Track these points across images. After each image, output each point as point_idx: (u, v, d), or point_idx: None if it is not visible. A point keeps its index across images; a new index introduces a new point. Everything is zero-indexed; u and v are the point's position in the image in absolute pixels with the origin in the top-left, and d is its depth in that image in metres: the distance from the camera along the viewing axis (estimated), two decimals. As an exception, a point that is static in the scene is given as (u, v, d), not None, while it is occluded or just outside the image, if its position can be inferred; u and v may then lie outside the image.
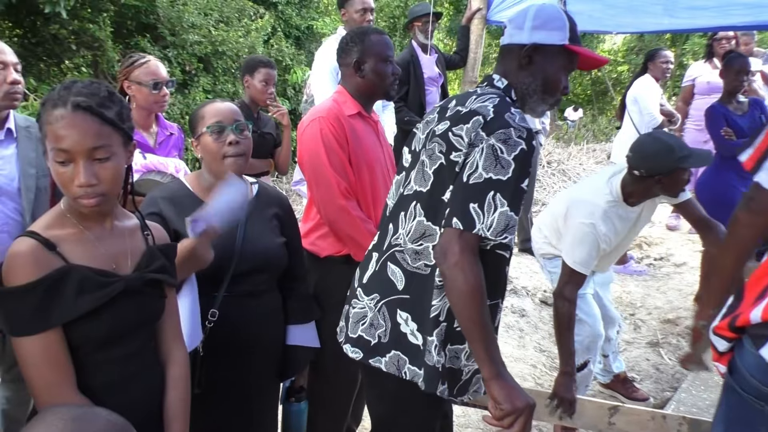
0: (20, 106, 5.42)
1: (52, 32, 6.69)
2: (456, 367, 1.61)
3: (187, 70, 7.61)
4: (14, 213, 2.16)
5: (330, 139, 2.19)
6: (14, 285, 1.19)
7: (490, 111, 1.50)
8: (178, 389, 1.46)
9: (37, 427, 1.06)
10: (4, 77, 2.11)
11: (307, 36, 10.03)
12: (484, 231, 1.42)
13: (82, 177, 1.21)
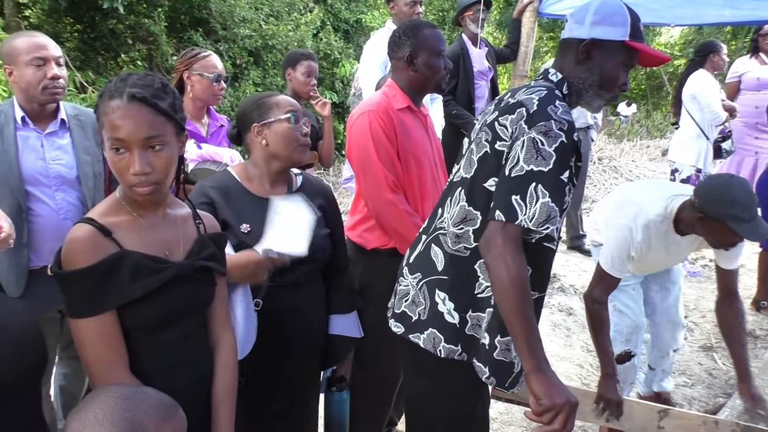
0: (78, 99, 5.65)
1: (110, 27, 6.92)
2: (507, 360, 1.62)
3: (237, 63, 7.75)
4: (76, 201, 2.25)
5: (379, 133, 2.20)
6: (72, 269, 1.24)
7: (534, 103, 1.52)
8: (227, 374, 1.50)
9: (90, 404, 1.11)
10: (44, 73, 2.17)
11: (355, 29, 10.07)
12: (526, 222, 1.43)
13: (137, 165, 1.24)
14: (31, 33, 2.30)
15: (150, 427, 1.09)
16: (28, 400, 1.19)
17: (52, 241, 2.15)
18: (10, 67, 2.17)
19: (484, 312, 1.64)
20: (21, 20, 6.29)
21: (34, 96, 2.19)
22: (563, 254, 5.47)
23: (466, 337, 1.66)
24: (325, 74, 8.78)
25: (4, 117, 2.19)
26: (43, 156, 2.22)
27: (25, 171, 2.17)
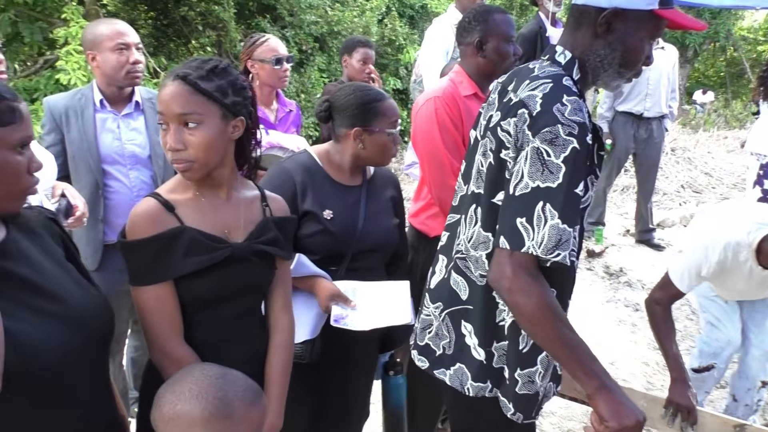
0: (151, 83, 5.86)
1: (182, 14, 7.12)
2: (532, 392, 1.48)
3: (303, 49, 7.84)
4: (148, 179, 2.35)
5: (444, 119, 2.18)
6: (135, 239, 1.30)
7: (537, 103, 1.29)
8: (281, 356, 1.52)
9: (184, 379, 1.16)
10: (126, 58, 2.27)
11: (420, 15, 9.99)
12: (534, 248, 1.24)
13: (169, 140, 1.30)
14: (112, 20, 2.39)
15: (239, 408, 1.13)
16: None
17: (126, 217, 2.21)
18: (93, 52, 2.27)
19: (507, 341, 1.48)
20: (100, 8, 6.56)
21: (116, 80, 2.28)
22: (631, 248, 5.29)
23: (495, 371, 1.50)
24: (390, 60, 8.77)
25: (84, 100, 2.30)
26: (119, 136, 2.31)
27: (102, 150, 2.27)
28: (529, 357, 1.44)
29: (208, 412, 1.10)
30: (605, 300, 4.38)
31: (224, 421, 1.11)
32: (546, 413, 3.06)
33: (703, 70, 22.04)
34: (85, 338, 1.14)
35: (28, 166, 1.07)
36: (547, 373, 1.49)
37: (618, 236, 5.62)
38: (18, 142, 1.04)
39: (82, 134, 2.25)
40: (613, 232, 5.65)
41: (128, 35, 2.28)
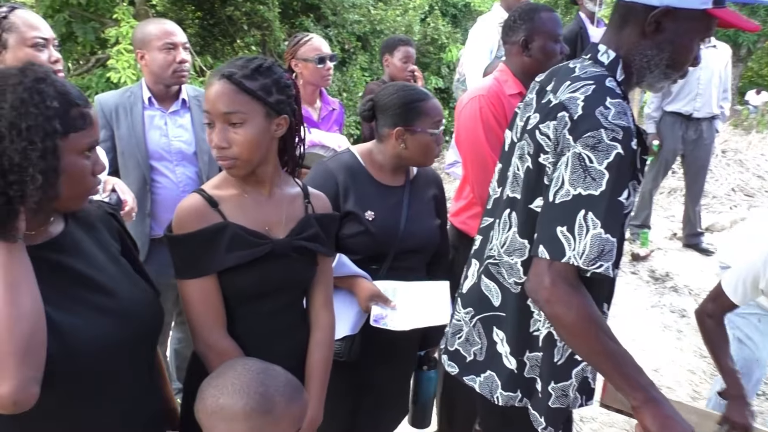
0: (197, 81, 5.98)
1: (228, 14, 7.24)
2: (564, 406, 1.43)
3: (346, 48, 7.88)
4: (194, 175, 2.40)
5: (489, 118, 2.16)
6: (180, 233, 1.34)
7: (578, 107, 1.24)
8: (321, 352, 1.54)
9: (227, 373, 1.18)
10: (173, 57, 2.32)
11: (464, 14, 9.92)
12: (575, 259, 1.19)
13: (214, 138, 1.32)
14: (161, 20, 2.45)
15: (280, 403, 1.15)
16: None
17: (172, 212, 2.27)
18: (142, 51, 2.33)
19: (541, 352, 1.43)
20: (149, 8, 6.73)
21: (163, 78, 2.34)
22: (678, 252, 5.14)
23: (526, 380, 1.46)
24: (432, 59, 8.74)
25: (133, 98, 2.36)
26: (166, 133, 2.37)
27: (150, 147, 2.33)
28: (564, 370, 1.40)
29: (250, 407, 1.12)
30: (650, 305, 4.27)
31: (265, 416, 1.13)
32: (586, 419, 3.00)
33: (757, 69, 21.23)
34: (133, 332, 1.17)
35: (92, 168, 1.11)
36: (579, 386, 1.45)
37: (664, 240, 5.47)
38: (86, 146, 1.08)
39: (131, 131, 2.32)
40: (659, 236, 5.50)
41: (176, 35, 2.34)
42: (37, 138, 0.98)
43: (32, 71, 1.03)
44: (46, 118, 0.99)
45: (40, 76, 1.03)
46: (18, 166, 0.97)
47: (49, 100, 1.01)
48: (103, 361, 1.11)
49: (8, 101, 0.98)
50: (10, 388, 0.93)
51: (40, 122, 0.98)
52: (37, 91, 1.00)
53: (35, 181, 0.97)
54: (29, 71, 1.03)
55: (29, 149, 0.97)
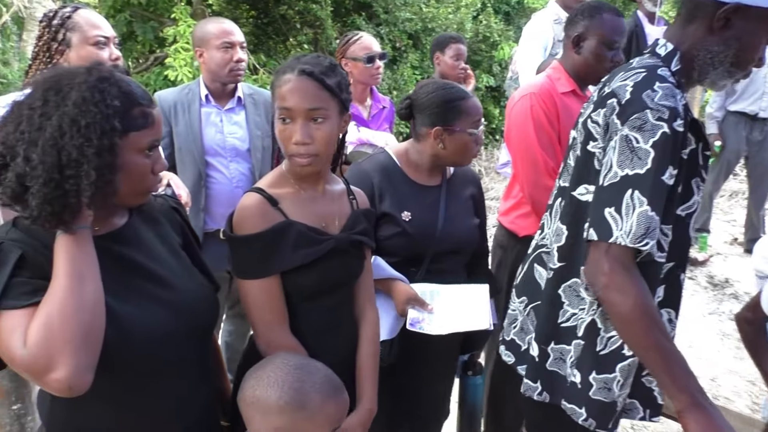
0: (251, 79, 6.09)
1: (281, 13, 7.33)
2: (608, 400, 1.39)
3: (397, 46, 7.87)
4: (247, 171, 2.45)
5: (540, 116, 2.12)
6: (243, 234, 1.34)
7: (626, 92, 1.27)
8: (371, 346, 1.55)
9: (266, 367, 1.20)
10: (231, 56, 2.37)
11: (517, 11, 9.77)
12: (622, 238, 1.20)
13: (298, 135, 1.32)
14: (220, 19, 2.51)
15: (315, 400, 1.15)
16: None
17: (225, 207, 2.35)
18: (201, 49, 2.39)
19: (570, 345, 1.41)
20: (206, 8, 6.89)
21: (220, 76, 2.40)
22: (739, 257, 4.94)
23: (547, 372, 1.45)
24: (483, 57, 8.64)
25: (191, 95, 2.43)
26: (221, 130, 2.42)
27: (206, 143, 2.39)
28: (607, 362, 1.37)
29: (283, 401, 1.13)
30: (707, 312, 4.12)
31: (299, 411, 1.14)
32: (638, 426, 2.92)
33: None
34: (187, 324, 1.20)
35: (152, 166, 1.14)
36: (627, 383, 1.39)
37: (724, 245, 5.26)
38: (146, 145, 1.11)
39: (188, 127, 2.38)
40: (719, 240, 5.30)
41: (234, 34, 2.39)
42: (94, 135, 1.01)
43: (98, 71, 1.06)
44: (105, 116, 1.02)
45: (104, 75, 1.06)
46: (74, 162, 1.00)
47: (111, 99, 1.04)
48: (157, 350, 1.14)
49: (71, 99, 1.01)
50: (66, 374, 0.96)
51: (98, 120, 1.01)
52: (99, 90, 1.03)
53: (89, 177, 1.00)
54: (95, 70, 1.06)
55: (85, 146, 1.00)
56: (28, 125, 1.01)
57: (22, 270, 1.01)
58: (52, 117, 1.01)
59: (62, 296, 0.98)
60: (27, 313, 0.98)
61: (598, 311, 1.36)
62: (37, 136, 1.00)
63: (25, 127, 1.01)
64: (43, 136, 0.99)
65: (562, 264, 1.42)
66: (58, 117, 1.00)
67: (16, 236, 1.06)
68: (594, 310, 1.37)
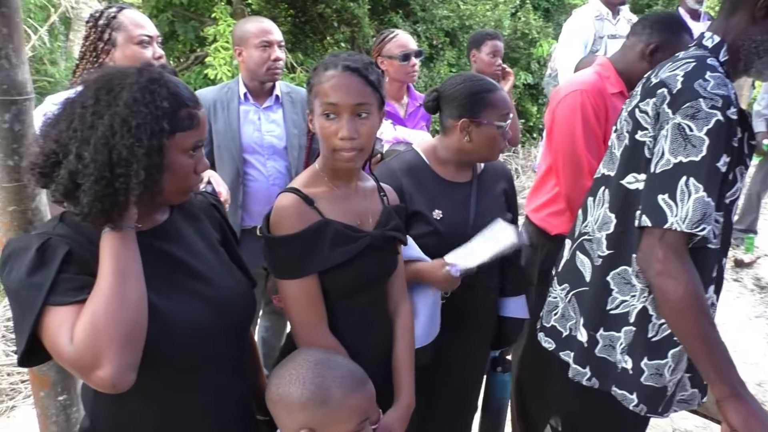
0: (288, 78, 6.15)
1: (319, 11, 7.38)
2: (659, 386, 1.40)
3: (434, 44, 7.84)
4: (283, 169, 2.47)
5: (589, 114, 2.06)
6: (281, 234, 1.34)
7: (677, 81, 1.28)
8: (406, 339, 1.55)
9: (288, 364, 1.22)
10: (269, 55, 2.39)
11: (557, 7, 9.61)
12: (678, 224, 1.22)
13: (345, 130, 1.32)
14: (259, 18, 2.53)
15: (335, 394, 1.16)
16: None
17: (261, 204, 2.38)
18: (240, 47, 2.42)
19: (619, 332, 1.43)
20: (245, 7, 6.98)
21: (258, 75, 2.42)
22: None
23: (596, 358, 1.46)
24: (521, 54, 8.53)
25: (230, 93, 2.46)
26: (259, 128, 2.45)
27: (244, 141, 2.42)
28: (659, 348, 1.39)
29: (305, 397, 1.14)
30: (754, 315, 3.99)
31: (321, 406, 1.14)
32: (679, 430, 2.86)
33: None
34: (226, 320, 1.21)
35: (195, 166, 1.15)
36: (678, 368, 1.41)
37: (772, 247, 5.09)
38: (191, 146, 1.13)
39: (227, 125, 2.41)
40: (767, 242, 5.12)
41: (273, 33, 2.41)
42: (144, 136, 1.02)
43: (148, 72, 1.08)
44: (155, 117, 1.04)
45: (154, 76, 1.08)
46: (125, 161, 1.01)
47: (160, 100, 1.05)
48: (197, 345, 1.16)
49: (123, 99, 1.03)
50: (110, 373, 0.97)
51: (148, 121, 1.03)
52: (150, 91, 1.05)
53: (138, 176, 1.02)
54: (145, 71, 1.08)
55: (136, 145, 1.02)
56: (80, 123, 1.03)
57: (69, 266, 1.04)
58: (104, 116, 1.03)
59: (107, 294, 1.00)
60: (74, 309, 1.01)
61: (649, 298, 1.38)
62: (89, 135, 1.02)
63: (78, 125, 1.03)
64: (95, 135, 1.01)
65: (610, 252, 1.43)
66: (110, 116, 1.02)
67: (64, 232, 1.09)
68: (645, 297, 1.38)
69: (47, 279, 1.01)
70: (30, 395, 2.81)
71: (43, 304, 1.00)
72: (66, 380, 1.50)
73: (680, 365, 1.41)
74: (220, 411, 1.24)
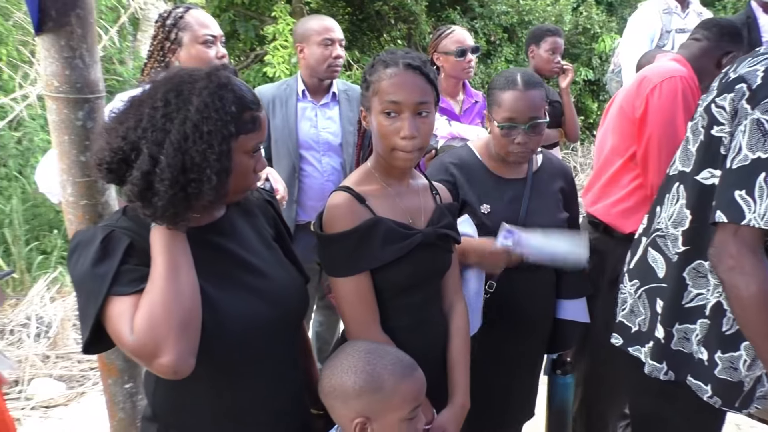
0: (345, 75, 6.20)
1: (376, 9, 7.41)
2: (734, 380, 1.38)
3: (491, 40, 7.74)
4: (338, 165, 2.50)
5: (689, 100, 1.98)
6: (333, 232, 1.35)
7: (758, 77, 1.24)
8: (462, 338, 1.55)
9: (339, 355, 1.25)
10: (330, 52, 2.42)
11: (620, 2, 9.32)
12: (756, 221, 1.19)
13: (407, 129, 1.31)
14: (322, 17, 2.57)
15: (388, 381, 1.18)
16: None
17: (316, 200, 2.42)
18: (302, 45, 2.46)
19: (694, 324, 1.41)
20: (304, 5, 7.08)
21: (318, 72, 2.46)
22: None
23: (672, 352, 1.45)
24: (582, 50, 8.32)
25: (289, 90, 2.51)
26: (315, 124, 2.49)
27: (300, 137, 2.46)
28: (732, 341, 1.36)
29: (359, 385, 1.17)
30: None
31: (376, 393, 1.17)
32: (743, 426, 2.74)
33: None
34: (279, 313, 1.24)
35: (255, 166, 1.18)
36: (755, 364, 1.37)
37: None
38: (253, 147, 1.15)
39: (284, 121, 2.46)
40: None
41: (334, 31, 2.44)
42: (215, 141, 1.05)
43: (216, 76, 1.10)
44: (225, 122, 1.06)
45: (223, 81, 1.10)
46: (197, 166, 1.04)
47: (229, 105, 1.08)
48: (251, 337, 1.18)
49: (194, 104, 1.06)
50: (171, 360, 1.02)
51: (219, 127, 1.06)
52: (219, 97, 1.07)
53: (210, 181, 1.05)
54: (214, 76, 1.10)
55: (209, 151, 1.04)
56: (150, 124, 1.06)
57: (131, 257, 1.08)
58: (174, 120, 1.05)
59: (162, 286, 1.04)
60: (134, 299, 1.05)
61: (723, 294, 1.36)
62: (161, 138, 1.05)
63: (147, 125, 1.06)
64: (169, 139, 1.04)
65: (687, 248, 1.42)
66: (181, 121, 1.05)
67: (126, 224, 1.13)
68: (720, 293, 1.37)
69: (110, 270, 1.05)
70: (98, 382, 2.95)
71: (107, 294, 1.04)
72: (132, 369, 1.56)
73: (758, 361, 1.38)
74: (274, 402, 1.26)
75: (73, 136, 1.37)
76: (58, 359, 3.42)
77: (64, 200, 1.43)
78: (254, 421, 1.24)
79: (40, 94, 4.57)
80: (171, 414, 1.24)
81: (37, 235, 4.45)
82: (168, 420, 1.24)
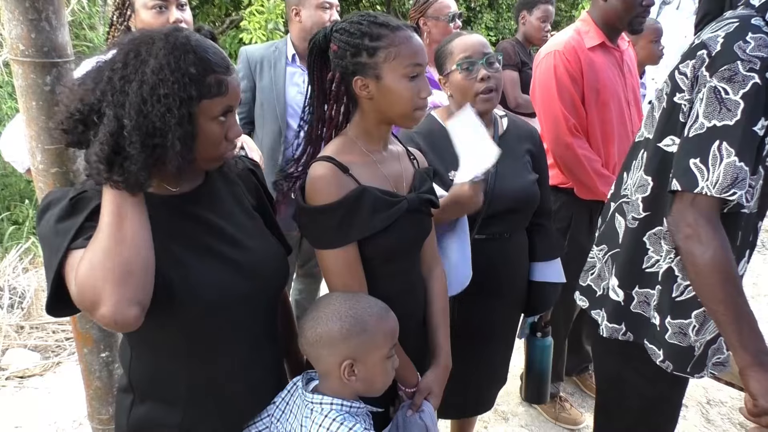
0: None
1: (355, -27, 7.27)
2: (684, 345, 1.41)
3: (471, 6, 7.66)
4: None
5: (562, 74, 2.20)
6: (318, 204, 1.31)
7: (717, 43, 1.24)
8: (441, 301, 1.57)
9: (318, 306, 1.28)
10: (329, 15, 2.39)
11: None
12: (708, 188, 1.21)
13: (426, 89, 1.34)
14: None
15: (371, 322, 1.23)
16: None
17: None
18: (298, 7, 2.41)
19: (653, 289, 1.44)
20: (281, -31, 6.90)
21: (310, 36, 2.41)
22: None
23: (631, 314, 1.49)
24: (563, 18, 8.29)
25: (278, 53, 2.46)
26: (302, 90, 2.44)
27: (288, 102, 2.42)
28: (683, 308, 1.39)
29: (345, 329, 1.21)
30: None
31: (362, 334, 1.21)
32: (715, 402, 2.83)
33: None
34: (257, 285, 1.22)
35: (226, 133, 1.13)
36: (704, 329, 1.41)
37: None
38: (219, 113, 1.10)
39: (272, 84, 2.41)
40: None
41: None
42: (174, 105, 1.01)
43: (174, 36, 1.05)
44: (182, 85, 1.02)
45: (181, 41, 1.05)
46: (160, 131, 1.01)
47: (187, 67, 1.03)
48: (225, 307, 1.17)
49: (150, 66, 1.01)
50: (109, 309, 0.97)
51: (175, 90, 1.01)
52: (176, 58, 1.03)
53: (174, 147, 1.01)
54: (171, 36, 1.05)
55: (168, 115, 1.01)
56: (109, 86, 1.02)
57: (97, 215, 1.03)
58: (132, 82, 1.01)
59: (104, 234, 1.00)
60: None
61: (675, 260, 1.39)
62: (122, 100, 1.01)
63: (106, 87, 1.02)
64: (128, 102, 1.00)
65: (647, 213, 1.43)
66: (138, 83, 1.01)
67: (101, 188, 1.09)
68: (671, 258, 1.39)
69: (74, 226, 1.03)
70: (74, 352, 2.92)
71: (67, 248, 1.01)
72: (108, 338, 1.55)
73: (708, 327, 1.41)
74: (250, 373, 1.26)
75: (41, 102, 1.32)
76: (33, 330, 3.38)
77: (34, 168, 1.39)
78: (230, 392, 1.24)
79: (6, 60, 4.42)
80: (147, 385, 1.23)
81: (8, 205, 4.35)
82: (144, 391, 1.23)
